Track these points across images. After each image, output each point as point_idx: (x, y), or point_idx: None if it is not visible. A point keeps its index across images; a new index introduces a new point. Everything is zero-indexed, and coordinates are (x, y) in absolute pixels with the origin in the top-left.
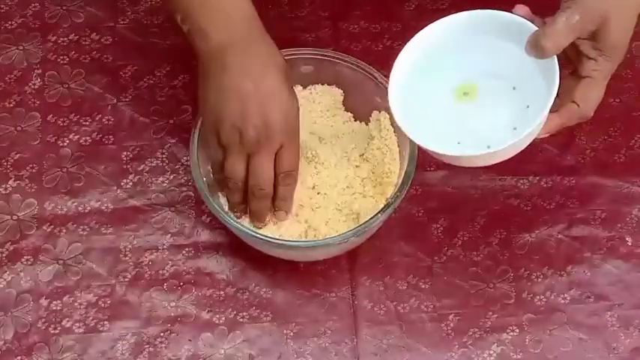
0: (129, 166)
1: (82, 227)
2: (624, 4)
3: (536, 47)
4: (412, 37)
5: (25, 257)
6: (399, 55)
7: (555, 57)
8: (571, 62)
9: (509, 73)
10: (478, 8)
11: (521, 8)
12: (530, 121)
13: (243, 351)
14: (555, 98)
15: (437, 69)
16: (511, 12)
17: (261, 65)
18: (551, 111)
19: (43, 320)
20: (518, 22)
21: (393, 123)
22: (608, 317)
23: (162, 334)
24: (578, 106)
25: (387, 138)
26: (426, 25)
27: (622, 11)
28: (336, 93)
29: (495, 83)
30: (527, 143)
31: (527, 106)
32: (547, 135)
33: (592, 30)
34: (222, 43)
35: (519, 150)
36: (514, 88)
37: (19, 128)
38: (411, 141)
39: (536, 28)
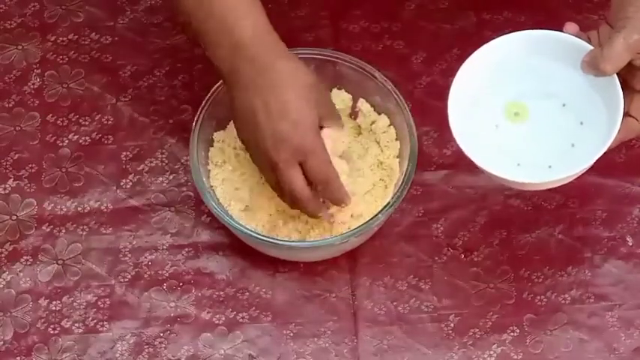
0: (128, 166)
1: (81, 227)
2: None
3: (594, 68)
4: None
5: (24, 257)
6: (458, 74)
7: (615, 76)
8: (620, 76)
9: (559, 91)
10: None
11: (571, 26)
12: (590, 137)
13: (243, 351)
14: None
15: (490, 89)
16: (561, 30)
17: (271, 81)
18: None
19: (43, 320)
20: (571, 42)
21: (392, 122)
22: (608, 317)
23: (161, 334)
24: (637, 120)
25: (388, 141)
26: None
27: None
28: (346, 98)
29: (545, 102)
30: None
31: (581, 123)
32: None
33: None
34: (230, 61)
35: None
36: (564, 105)
37: (18, 128)
38: (411, 140)
39: (590, 47)
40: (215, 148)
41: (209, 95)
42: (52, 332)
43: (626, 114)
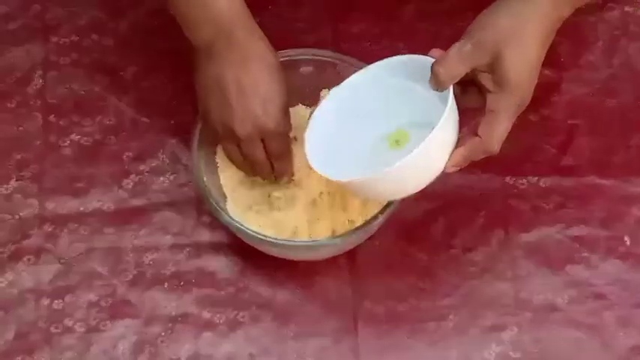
0: (130, 167)
1: (83, 227)
2: (519, 40)
3: (434, 81)
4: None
5: (26, 257)
6: (321, 102)
7: (450, 89)
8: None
9: (427, 115)
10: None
11: (436, 51)
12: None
13: (243, 350)
14: (463, 131)
15: (359, 118)
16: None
17: (243, 57)
18: (458, 145)
19: (45, 320)
20: (421, 61)
21: None
22: (606, 317)
23: (163, 333)
24: (481, 139)
25: None
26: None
27: (516, 46)
28: None
29: (419, 130)
30: (431, 175)
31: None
32: (456, 169)
33: (488, 62)
34: (208, 36)
35: (424, 180)
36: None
37: (20, 129)
38: None
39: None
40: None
41: None
42: (54, 331)
43: (474, 133)
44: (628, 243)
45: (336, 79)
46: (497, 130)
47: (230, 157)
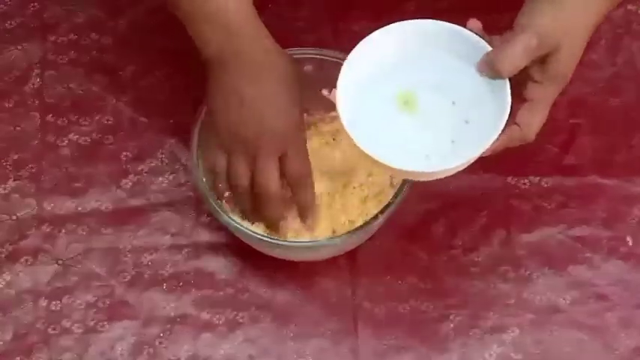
0: (128, 166)
1: (81, 227)
2: (575, 33)
3: (491, 68)
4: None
5: (24, 257)
6: (345, 62)
7: (507, 80)
8: (512, 84)
9: (451, 86)
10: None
11: (474, 22)
12: (471, 136)
13: (243, 351)
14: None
15: (381, 77)
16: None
17: (260, 69)
18: None
19: (43, 321)
20: (469, 38)
21: None
22: (608, 317)
23: (161, 334)
24: (519, 127)
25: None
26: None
27: (573, 39)
28: None
29: (435, 96)
30: (469, 164)
31: (467, 121)
32: (489, 154)
33: (543, 54)
34: (222, 48)
35: (459, 169)
36: (453, 103)
37: (18, 128)
38: None
39: (489, 48)
40: None
41: None
42: (52, 332)
43: (513, 122)
44: (630, 243)
45: (337, 79)
46: (536, 119)
47: (235, 180)
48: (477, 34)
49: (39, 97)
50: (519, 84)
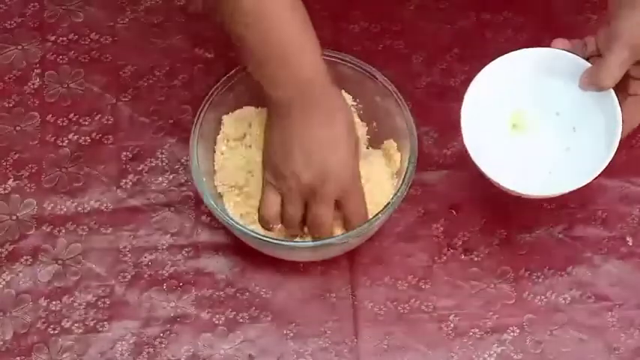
0: (128, 166)
1: (81, 227)
2: None
3: (594, 84)
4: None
5: (24, 257)
6: (469, 88)
7: (612, 93)
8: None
9: (553, 103)
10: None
11: (560, 42)
12: (586, 144)
13: (243, 351)
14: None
15: (498, 101)
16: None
17: (324, 116)
18: None
19: (43, 321)
20: (569, 58)
21: (392, 124)
22: (608, 318)
23: (161, 334)
24: (624, 122)
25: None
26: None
27: None
28: (347, 98)
29: (544, 113)
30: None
31: (574, 128)
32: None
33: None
34: (289, 94)
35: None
36: (557, 114)
37: (18, 128)
38: (411, 141)
39: (587, 64)
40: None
41: (209, 95)
42: (51, 332)
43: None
44: (630, 243)
45: (337, 79)
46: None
47: (289, 222)
48: (570, 51)
49: (39, 96)
50: (620, 81)
